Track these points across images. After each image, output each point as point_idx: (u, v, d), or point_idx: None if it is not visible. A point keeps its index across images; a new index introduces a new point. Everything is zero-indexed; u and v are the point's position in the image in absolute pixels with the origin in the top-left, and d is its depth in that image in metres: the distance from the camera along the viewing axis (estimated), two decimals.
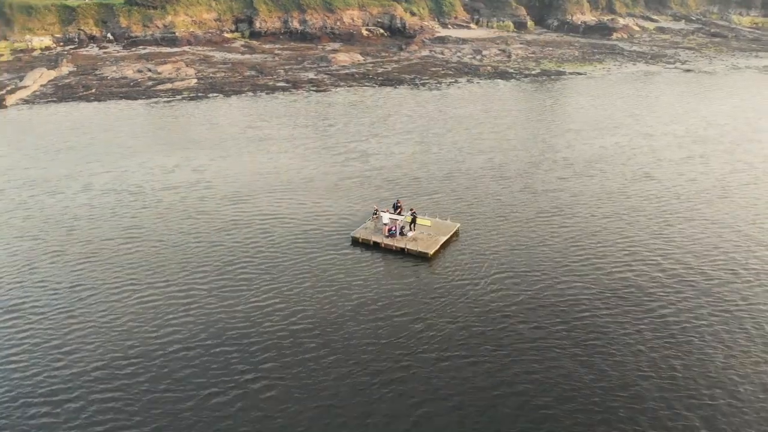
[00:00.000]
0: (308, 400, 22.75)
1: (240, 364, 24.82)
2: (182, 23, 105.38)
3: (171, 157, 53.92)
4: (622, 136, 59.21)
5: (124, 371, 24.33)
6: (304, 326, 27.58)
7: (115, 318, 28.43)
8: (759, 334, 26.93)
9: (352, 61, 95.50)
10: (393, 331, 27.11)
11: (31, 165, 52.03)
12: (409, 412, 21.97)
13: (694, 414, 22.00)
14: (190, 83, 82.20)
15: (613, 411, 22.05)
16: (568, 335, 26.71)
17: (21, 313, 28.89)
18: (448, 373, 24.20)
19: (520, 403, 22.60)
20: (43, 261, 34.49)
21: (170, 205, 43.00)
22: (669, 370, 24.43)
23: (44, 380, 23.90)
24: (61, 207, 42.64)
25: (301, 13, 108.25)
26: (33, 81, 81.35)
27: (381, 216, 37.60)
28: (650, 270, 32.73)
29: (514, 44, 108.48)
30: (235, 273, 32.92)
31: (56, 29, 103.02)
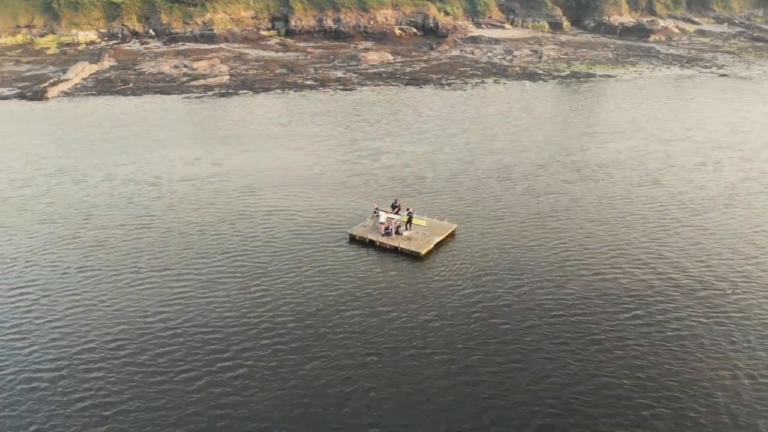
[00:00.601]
0: (274, 384, 24.23)
1: (217, 347, 26.51)
2: (220, 21, 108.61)
3: (193, 150, 56.35)
4: (639, 140, 58.79)
5: (109, 346, 26.40)
6: (285, 316, 29.07)
7: (112, 299, 30.59)
8: (728, 341, 27.08)
9: (382, 60, 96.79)
10: (367, 324, 28.32)
11: (63, 155, 55.27)
12: (362, 397, 23.21)
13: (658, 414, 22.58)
14: (223, 80, 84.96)
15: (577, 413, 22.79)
16: (537, 335, 27.41)
17: (30, 291, 31.38)
18: (405, 363, 25.32)
19: (468, 393, 23.54)
20: (58, 244, 37.08)
21: (184, 196, 45.24)
22: (636, 369, 24.92)
23: (41, 353, 26.12)
24: (83, 195, 45.40)
25: (335, 12, 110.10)
26: (75, 74, 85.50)
27: (378, 215, 38.70)
28: (635, 275, 32.97)
29: (548, 45, 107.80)
30: (231, 263, 34.71)
31: (101, 24, 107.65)
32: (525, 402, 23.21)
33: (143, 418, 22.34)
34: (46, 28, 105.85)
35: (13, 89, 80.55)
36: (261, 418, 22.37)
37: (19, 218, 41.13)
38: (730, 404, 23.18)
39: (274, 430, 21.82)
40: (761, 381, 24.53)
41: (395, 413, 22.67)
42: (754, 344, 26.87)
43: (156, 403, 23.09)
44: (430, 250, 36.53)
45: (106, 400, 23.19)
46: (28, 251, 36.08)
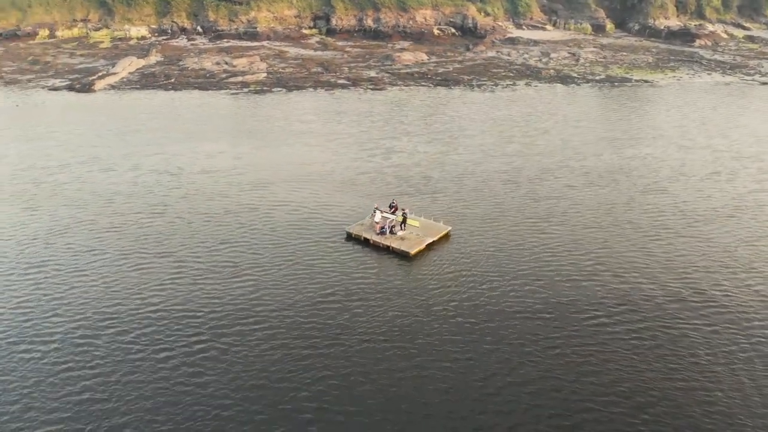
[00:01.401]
0: (239, 366, 26.25)
1: (197, 329, 28.71)
2: (264, 19, 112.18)
3: (219, 144, 59.32)
4: (657, 147, 58.27)
5: (100, 323, 29.03)
6: (265, 305, 30.99)
7: (113, 280, 33.34)
8: (691, 354, 27.46)
9: (416, 61, 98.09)
10: (339, 317, 29.91)
11: (99, 144, 59.19)
12: (316, 383, 24.96)
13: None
14: (259, 77, 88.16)
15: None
16: (497, 335, 28.44)
17: (42, 269, 34.51)
18: (363, 354, 26.88)
19: (417, 384, 24.92)
20: (76, 227, 40.33)
21: (200, 187, 48.00)
22: (589, 375, 25.74)
23: (41, 325, 29.00)
24: (108, 182, 48.80)
25: (375, 12, 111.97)
26: (122, 68, 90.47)
27: (375, 214, 40.07)
28: (611, 283, 33.33)
29: (587, 47, 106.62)
30: (228, 252, 37.00)
31: (152, 20, 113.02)
32: (471, 398, 24.38)
33: (118, 387, 24.72)
34: (101, 22, 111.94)
35: (65, 81, 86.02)
36: (221, 395, 24.40)
37: (48, 202, 44.74)
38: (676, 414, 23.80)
39: (230, 407, 23.76)
40: (708, 390, 24.97)
41: (344, 398, 24.28)
42: (717, 358, 27.16)
43: (131, 376, 25.46)
44: (420, 250, 37.41)
45: (89, 371, 25.70)
46: (48, 232, 39.42)
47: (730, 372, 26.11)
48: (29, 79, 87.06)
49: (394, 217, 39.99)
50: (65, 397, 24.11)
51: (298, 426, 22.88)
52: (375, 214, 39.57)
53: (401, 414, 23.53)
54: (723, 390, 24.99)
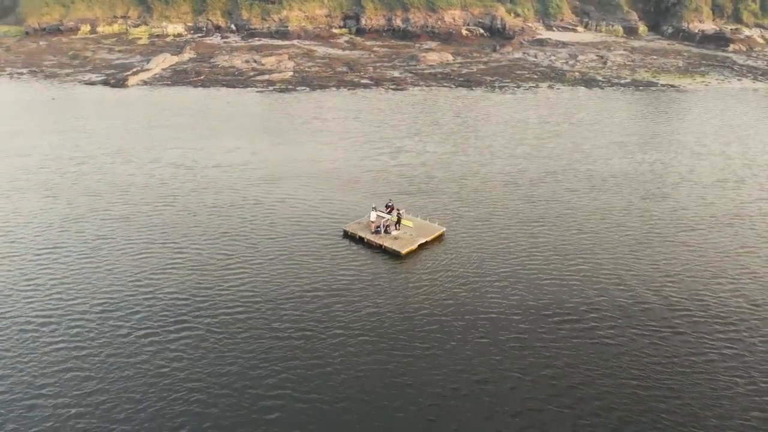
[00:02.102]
0: (217, 348, 28.06)
1: (183, 314, 30.65)
2: (296, 18, 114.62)
3: (237, 140, 61.59)
4: (668, 152, 57.96)
5: (96, 303, 31.30)
6: (250, 294, 32.73)
7: (116, 266, 35.65)
8: (652, 353, 28.00)
9: (441, 61, 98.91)
10: (317, 310, 31.38)
11: (124, 137, 62.23)
12: (281, 367, 26.57)
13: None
14: (285, 76, 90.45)
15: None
16: (465, 332, 29.51)
17: (53, 253, 37.12)
18: (331, 342, 28.35)
19: (379, 371, 26.22)
20: (90, 215, 42.97)
21: (211, 180, 50.23)
22: (561, 377, 26.67)
23: (42, 303, 31.46)
24: (127, 174, 51.50)
25: (404, 12, 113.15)
26: (156, 65, 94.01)
27: (371, 213, 41.17)
28: (588, 287, 33.86)
29: (617, 50, 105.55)
30: (227, 243, 38.93)
31: (189, 18, 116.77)
32: (428, 392, 25.60)
33: (102, 365, 26.79)
34: (140, 19, 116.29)
35: (101, 76, 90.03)
36: (193, 372, 26.24)
37: (68, 191, 47.63)
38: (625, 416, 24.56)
39: (201, 389, 25.53)
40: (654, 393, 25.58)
41: (308, 380, 25.83)
42: (682, 362, 27.66)
43: (115, 351, 27.58)
44: (411, 250, 38.26)
45: (78, 345, 27.95)
46: (64, 219, 42.15)
47: (692, 377, 26.62)
48: (68, 73, 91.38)
49: (390, 217, 40.91)
50: (53, 370, 26.33)
51: (261, 408, 24.50)
52: (371, 214, 40.76)
53: (360, 403, 24.90)
54: (683, 394, 25.57)
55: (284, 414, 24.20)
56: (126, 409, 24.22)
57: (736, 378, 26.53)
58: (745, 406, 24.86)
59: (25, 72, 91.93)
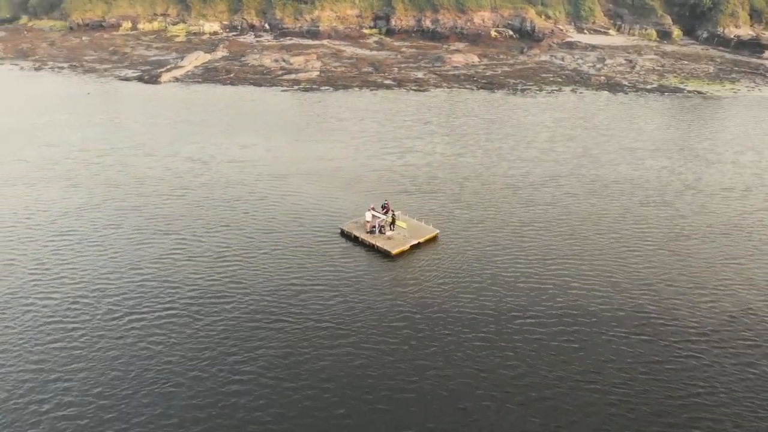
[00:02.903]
0: (197, 333, 30.08)
1: (172, 300, 32.82)
2: (327, 18, 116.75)
3: (255, 136, 63.88)
4: (678, 159, 57.56)
5: (94, 287, 33.81)
6: (239, 284, 34.67)
7: (120, 253, 38.20)
8: (608, 362, 28.73)
9: (466, 62, 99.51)
10: (296, 304, 32.98)
11: (149, 131, 65.31)
12: (252, 354, 28.35)
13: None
14: (312, 75, 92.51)
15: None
16: (435, 335, 30.69)
17: (64, 238, 39.93)
18: (300, 334, 30.01)
19: (344, 362, 27.73)
20: (105, 204, 45.79)
21: (223, 175, 52.54)
22: (523, 376, 27.72)
23: (46, 284, 34.21)
24: (145, 167, 54.28)
25: (434, 13, 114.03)
26: (189, 62, 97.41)
27: (366, 213, 42.17)
28: (567, 293, 34.56)
29: (648, 54, 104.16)
30: (226, 235, 41.05)
31: (225, 17, 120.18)
32: (391, 375, 27.04)
33: (93, 343, 29.16)
34: (179, 17, 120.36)
35: (137, 72, 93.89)
36: (171, 354, 28.30)
37: (89, 181, 50.67)
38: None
39: (180, 374, 27.52)
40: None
41: (277, 366, 27.58)
42: (641, 368, 28.32)
43: (104, 331, 29.93)
44: (402, 250, 39.23)
45: (72, 324, 30.44)
46: (80, 207, 45.05)
47: (646, 383, 27.28)
48: (106, 68, 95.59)
49: (385, 217, 41.89)
50: (46, 346, 28.79)
51: (229, 390, 26.35)
52: (366, 214, 41.91)
53: (321, 390, 26.49)
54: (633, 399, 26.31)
55: (250, 396, 25.98)
56: (106, 384, 26.42)
57: (694, 387, 27.03)
58: (693, 417, 25.41)
59: (66, 66, 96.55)
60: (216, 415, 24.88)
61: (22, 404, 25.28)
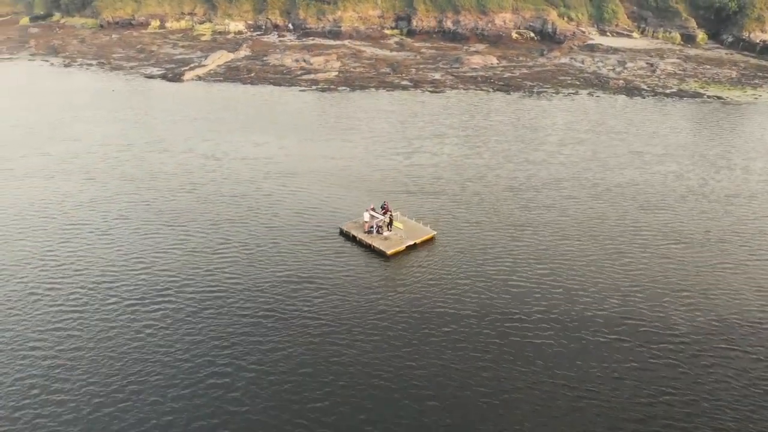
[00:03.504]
0: (184, 319, 31.62)
1: (167, 290, 34.46)
2: (349, 18, 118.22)
3: (268, 135, 65.53)
4: (687, 164, 57.33)
5: (95, 272, 35.75)
6: (232, 278, 36.08)
7: (126, 243, 40.13)
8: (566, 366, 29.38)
9: (485, 64, 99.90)
10: (282, 300, 34.08)
11: (168, 128, 67.52)
12: (228, 343, 29.77)
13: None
14: (330, 75, 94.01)
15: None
16: (411, 336, 31.59)
17: (75, 228, 42.06)
18: (273, 327, 31.32)
19: (322, 353, 28.94)
20: (117, 197, 47.86)
21: (234, 172, 54.25)
22: (480, 370, 28.63)
23: (52, 270, 36.19)
24: (159, 162, 56.34)
25: (455, 14, 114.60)
26: (212, 61, 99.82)
27: (364, 213, 42.96)
28: (550, 297, 35.10)
29: (670, 58, 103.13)
30: (229, 230, 42.61)
31: (249, 16, 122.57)
32: (368, 363, 28.19)
33: (88, 323, 31.03)
34: (205, 16, 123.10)
35: (161, 70, 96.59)
36: (162, 339, 29.92)
37: (105, 175, 52.88)
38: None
39: (165, 350, 29.11)
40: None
41: (258, 353, 28.94)
42: (612, 369, 28.93)
43: (101, 316, 31.74)
44: (398, 251, 40.05)
45: (72, 309, 32.37)
46: (93, 200, 47.22)
47: (617, 382, 27.91)
48: (132, 66, 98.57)
49: (383, 218, 42.51)
50: (46, 328, 30.73)
51: (210, 373, 27.81)
52: (365, 214, 42.70)
53: (296, 375, 27.78)
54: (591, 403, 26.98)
55: (231, 380, 27.40)
56: (98, 365, 28.13)
57: (664, 389, 27.56)
58: (666, 415, 25.98)
59: (94, 63, 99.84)
60: (195, 395, 26.35)
61: (17, 379, 27.11)
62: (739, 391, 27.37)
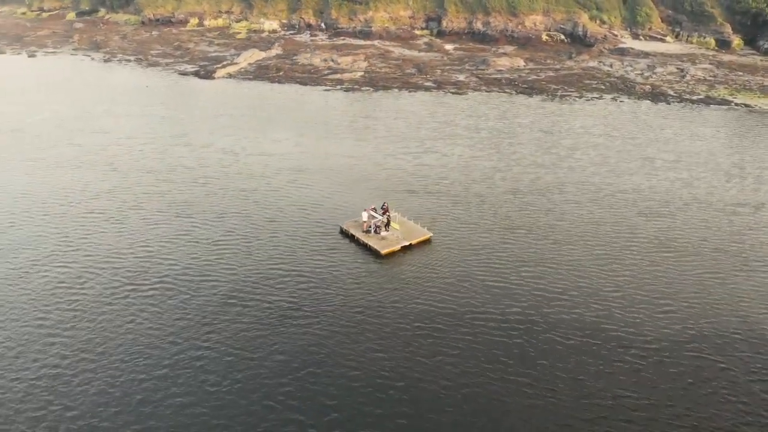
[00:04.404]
0: (174, 309, 33.86)
1: (165, 276, 36.82)
2: (380, 19, 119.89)
3: (287, 132, 67.75)
4: (698, 172, 56.85)
5: (103, 259, 38.29)
6: (226, 267, 38.20)
7: (135, 230, 42.83)
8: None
9: (511, 66, 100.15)
10: (269, 291, 35.85)
11: (193, 123, 70.53)
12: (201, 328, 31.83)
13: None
14: (355, 76, 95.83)
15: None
16: (382, 334, 32.98)
17: (92, 215, 45.11)
18: (274, 316, 33.22)
19: (299, 342, 30.71)
20: (135, 188, 50.79)
21: (248, 166, 56.59)
22: (447, 371, 29.94)
23: (63, 255, 38.92)
24: (179, 156, 59.13)
25: (485, 16, 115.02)
26: (244, 59, 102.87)
27: (362, 213, 44.05)
28: (535, 294, 36.02)
29: (702, 64, 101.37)
30: (232, 222, 44.84)
31: (284, 15, 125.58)
32: (340, 353, 29.86)
33: (88, 302, 33.69)
34: (242, 15, 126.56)
35: (195, 67, 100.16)
36: (153, 321, 32.23)
37: (127, 166, 55.96)
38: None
39: (154, 331, 31.37)
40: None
41: (238, 337, 30.94)
42: (577, 372, 29.82)
43: (101, 297, 34.36)
44: (392, 251, 41.20)
45: (76, 289, 35.13)
46: (112, 189, 50.30)
47: (576, 382, 28.83)
48: (168, 63, 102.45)
49: (381, 218, 43.68)
50: (51, 306, 33.56)
51: (194, 355, 29.91)
52: (363, 214, 43.87)
53: (275, 355, 29.62)
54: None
55: (210, 361, 29.45)
56: (92, 344, 30.56)
57: (622, 392, 28.34)
58: (617, 417, 26.83)
59: (132, 59, 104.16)
60: (177, 373, 28.46)
61: (20, 353, 29.76)
62: (697, 400, 27.89)
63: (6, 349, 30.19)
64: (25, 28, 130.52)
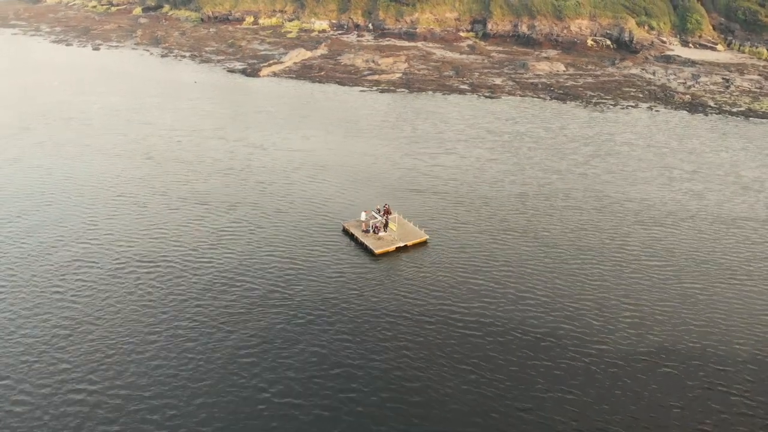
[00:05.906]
0: (173, 292, 37.57)
1: (170, 261, 40.71)
2: (426, 20, 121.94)
3: (316, 130, 71.13)
4: (715, 185, 56.41)
5: (118, 241, 42.52)
6: (227, 255, 41.86)
7: (155, 214, 47.19)
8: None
9: (550, 71, 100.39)
10: (264, 285, 39.07)
11: (232, 118, 74.99)
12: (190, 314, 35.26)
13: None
14: (393, 77, 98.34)
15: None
16: (360, 331, 35.61)
17: (118, 200, 49.77)
18: (236, 305, 36.40)
19: (281, 331, 33.77)
20: (165, 177, 55.26)
21: (272, 160, 60.28)
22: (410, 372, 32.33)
23: (83, 237, 43.39)
24: (211, 148, 63.48)
25: (531, 19, 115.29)
26: (290, 59, 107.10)
27: (361, 213, 46.28)
28: (508, 297, 37.82)
29: (750, 74, 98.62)
30: (243, 211, 48.52)
31: (334, 16, 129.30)
32: (316, 344, 32.81)
33: (97, 279, 37.91)
34: (294, 14, 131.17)
35: (243, 65, 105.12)
36: (153, 300, 36.15)
37: (162, 156, 60.66)
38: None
39: (152, 311, 35.20)
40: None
41: (226, 316, 34.36)
42: (545, 372, 31.55)
43: (109, 278, 38.55)
44: (386, 251, 43.31)
45: (87, 268, 39.55)
46: (144, 177, 54.98)
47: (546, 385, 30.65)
48: (219, 59, 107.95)
49: (380, 219, 45.69)
50: (64, 285, 37.83)
51: (183, 337, 33.51)
52: (362, 214, 46.07)
53: (255, 336, 32.82)
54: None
55: (195, 344, 32.97)
56: (98, 319, 34.73)
57: (565, 396, 30.01)
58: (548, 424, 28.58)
59: (187, 55, 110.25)
60: (164, 343, 32.07)
61: (34, 314, 34.14)
62: (636, 413, 29.19)
63: (25, 311, 34.62)
64: (94, 22, 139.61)
